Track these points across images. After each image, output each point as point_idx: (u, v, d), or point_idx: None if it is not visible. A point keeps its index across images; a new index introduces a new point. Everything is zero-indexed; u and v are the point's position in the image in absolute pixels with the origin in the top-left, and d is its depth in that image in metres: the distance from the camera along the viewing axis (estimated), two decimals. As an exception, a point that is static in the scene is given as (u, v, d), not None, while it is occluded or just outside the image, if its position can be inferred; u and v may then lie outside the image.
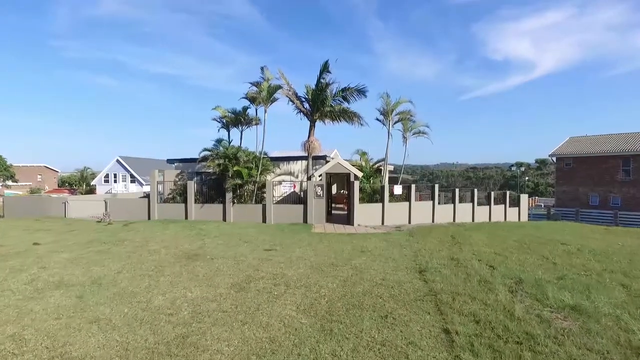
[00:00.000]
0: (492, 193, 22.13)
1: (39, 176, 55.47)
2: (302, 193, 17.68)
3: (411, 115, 19.53)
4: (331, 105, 17.34)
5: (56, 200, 19.47)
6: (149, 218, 17.49)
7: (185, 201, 17.37)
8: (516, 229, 15.45)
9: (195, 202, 17.39)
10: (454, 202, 19.51)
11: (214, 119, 18.99)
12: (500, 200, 22.68)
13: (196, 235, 12.79)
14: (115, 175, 46.32)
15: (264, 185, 17.15)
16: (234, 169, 16.39)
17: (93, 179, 50.77)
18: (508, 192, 23.23)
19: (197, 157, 18.68)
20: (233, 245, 11.18)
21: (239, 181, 16.53)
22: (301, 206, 16.91)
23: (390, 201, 17.46)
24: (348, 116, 17.92)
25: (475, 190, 20.88)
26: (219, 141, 18.44)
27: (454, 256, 9.64)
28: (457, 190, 19.81)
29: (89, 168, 56.72)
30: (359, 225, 16.37)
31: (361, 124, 18.39)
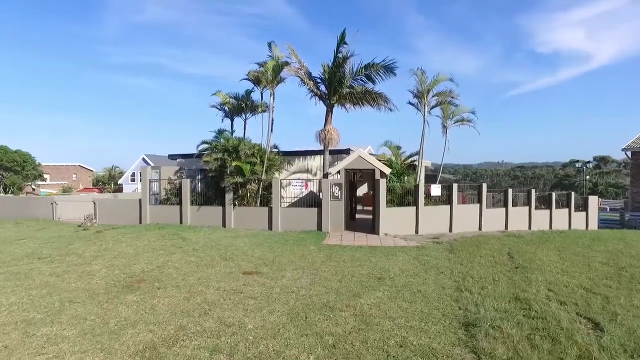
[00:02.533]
0: (554, 194, 18.03)
1: (74, 175, 56.08)
2: (320, 194, 14.60)
3: (453, 97, 15.75)
4: (351, 86, 14.09)
5: (45, 201, 17.65)
6: (140, 222, 15.10)
7: (180, 203, 14.82)
8: (595, 243, 11.60)
9: (192, 203, 14.76)
10: (505, 205, 15.74)
11: (214, 106, 16.30)
12: (563, 203, 18.55)
13: (170, 247, 10.08)
14: (141, 174, 45.13)
15: (271, 185, 14.24)
16: (233, 164, 13.56)
17: (121, 177, 50.43)
18: (573, 194, 18.99)
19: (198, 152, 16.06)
20: (206, 264, 8.34)
21: (239, 179, 13.67)
22: (315, 210, 13.84)
23: (426, 204, 14.01)
24: (372, 98, 14.56)
25: (533, 190, 16.93)
26: (220, 132, 15.71)
27: (519, 294, 6.23)
28: (509, 190, 15.99)
29: (117, 167, 56.76)
30: (385, 234, 13.10)
31: (390, 109, 15.00)
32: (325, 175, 14.54)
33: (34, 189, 42.98)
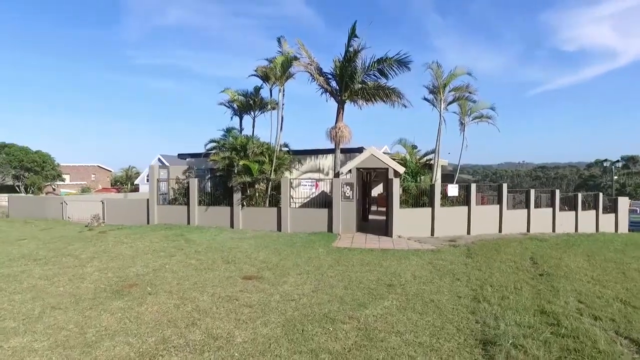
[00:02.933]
0: (580, 195, 17.01)
1: (93, 175, 56.87)
2: (331, 194, 14.02)
3: (470, 93, 14.91)
4: (363, 81, 13.49)
5: (55, 201, 17.62)
6: (148, 222, 14.82)
7: (188, 203, 14.47)
8: (628, 248, 10.72)
9: (199, 204, 14.40)
10: (527, 206, 14.87)
11: (222, 104, 15.92)
12: (590, 204, 17.50)
13: (171, 249, 9.67)
14: (149, 174, 45.10)
15: (280, 185, 13.73)
16: (241, 163, 13.12)
17: (138, 177, 50.86)
18: (600, 195, 17.90)
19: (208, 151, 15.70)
20: (205, 267, 7.88)
21: (247, 178, 13.22)
22: (325, 211, 13.28)
23: (442, 205, 13.29)
24: (385, 94, 13.90)
25: (557, 191, 15.97)
26: (228, 130, 15.32)
27: (545, 306, 5.54)
28: (532, 191, 15.11)
29: (133, 167, 57.37)
30: (399, 236, 12.44)
31: (404, 105, 14.31)
32: (337, 175, 13.96)
33: (54, 189, 43.72)
